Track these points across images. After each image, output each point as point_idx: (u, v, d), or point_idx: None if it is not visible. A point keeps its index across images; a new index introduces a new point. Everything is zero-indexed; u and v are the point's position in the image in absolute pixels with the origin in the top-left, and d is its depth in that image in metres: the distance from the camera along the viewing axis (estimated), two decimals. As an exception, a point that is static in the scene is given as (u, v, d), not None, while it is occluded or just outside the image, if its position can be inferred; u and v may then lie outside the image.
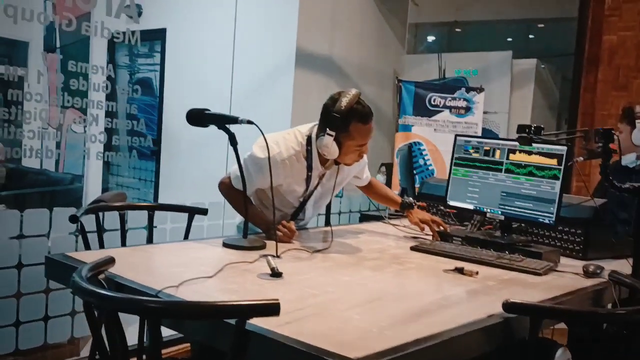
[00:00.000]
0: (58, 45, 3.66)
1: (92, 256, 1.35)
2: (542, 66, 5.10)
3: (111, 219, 2.44)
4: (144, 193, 4.35)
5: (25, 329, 2.37)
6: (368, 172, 2.38)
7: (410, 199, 2.36)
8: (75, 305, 2.53)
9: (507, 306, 1.23)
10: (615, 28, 3.93)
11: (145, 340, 1.94)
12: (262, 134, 1.81)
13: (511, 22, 5.90)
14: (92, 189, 4.08)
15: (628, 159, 2.72)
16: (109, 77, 2.74)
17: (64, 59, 2.66)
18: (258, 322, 1.08)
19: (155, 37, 4.22)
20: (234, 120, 1.76)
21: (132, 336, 1.32)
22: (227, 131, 1.77)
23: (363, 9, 4.59)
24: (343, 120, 1.85)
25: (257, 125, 1.74)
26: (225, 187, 2.04)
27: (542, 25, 5.93)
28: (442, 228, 2.18)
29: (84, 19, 2.62)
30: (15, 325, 2.35)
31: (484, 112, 4.57)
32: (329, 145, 1.88)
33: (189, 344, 2.01)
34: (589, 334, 1.99)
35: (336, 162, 2.04)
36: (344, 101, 1.86)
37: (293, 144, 1.98)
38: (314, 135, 1.97)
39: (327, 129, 1.88)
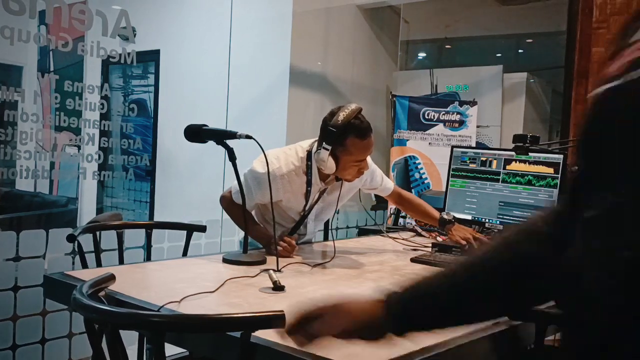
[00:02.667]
0: (52, 68, 3.67)
1: (91, 274, 1.34)
2: (532, 80, 5.17)
3: (107, 240, 2.42)
4: (139, 214, 4.33)
5: (23, 352, 2.33)
6: (389, 181, 2.31)
7: (450, 214, 2.19)
8: (72, 328, 2.50)
9: (512, 313, 1.22)
10: (604, 40, 3.98)
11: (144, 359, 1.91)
12: (262, 149, 1.81)
13: (500, 37, 5.98)
14: (87, 210, 4.06)
15: None
16: (104, 97, 2.74)
17: (59, 79, 2.66)
18: (263, 335, 1.06)
19: (149, 59, 4.24)
20: (232, 135, 1.76)
21: (131, 358, 1.29)
22: (226, 146, 1.77)
23: (355, 27, 4.65)
24: (339, 135, 1.85)
25: (255, 140, 1.75)
26: (226, 202, 2.04)
27: (530, 40, 6.01)
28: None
29: (78, 40, 2.63)
30: (12, 348, 2.31)
31: (477, 126, 4.60)
32: (325, 160, 1.87)
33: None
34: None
35: (337, 178, 2.02)
36: (342, 115, 1.86)
37: (293, 159, 1.98)
38: (314, 150, 1.97)
39: (324, 143, 1.88)
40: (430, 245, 2.26)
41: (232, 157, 1.77)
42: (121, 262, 2.07)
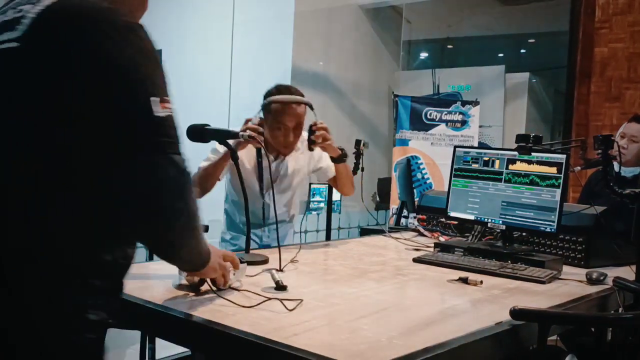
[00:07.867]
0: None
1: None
2: (534, 79, 5.16)
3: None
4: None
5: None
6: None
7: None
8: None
9: (515, 313, 1.22)
10: (606, 40, 3.99)
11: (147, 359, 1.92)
12: (263, 148, 1.82)
13: (502, 37, 5.98)
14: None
15: (630, 171, 2.66)
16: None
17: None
18: (265, 334, 1.07)
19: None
20: (235, 135, 1.77)
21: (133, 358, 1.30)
22: (228, 146, 1.77)
23: (357, 27, 4.65)
24: (266, 104, 2.10)
25: (257, 139, 1.75)
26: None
27: (533, 40, 6.01)
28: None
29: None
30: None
31: (479, 126, 4.60)
32: (256, 123, 1.98)
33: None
34: (590, 343, 1.98)
35: (282, 154, 2.19)
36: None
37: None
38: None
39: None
40: (432, 245, 2.26)
41: (234, 157, 1.77)
42: (123, 261, 2.06)
